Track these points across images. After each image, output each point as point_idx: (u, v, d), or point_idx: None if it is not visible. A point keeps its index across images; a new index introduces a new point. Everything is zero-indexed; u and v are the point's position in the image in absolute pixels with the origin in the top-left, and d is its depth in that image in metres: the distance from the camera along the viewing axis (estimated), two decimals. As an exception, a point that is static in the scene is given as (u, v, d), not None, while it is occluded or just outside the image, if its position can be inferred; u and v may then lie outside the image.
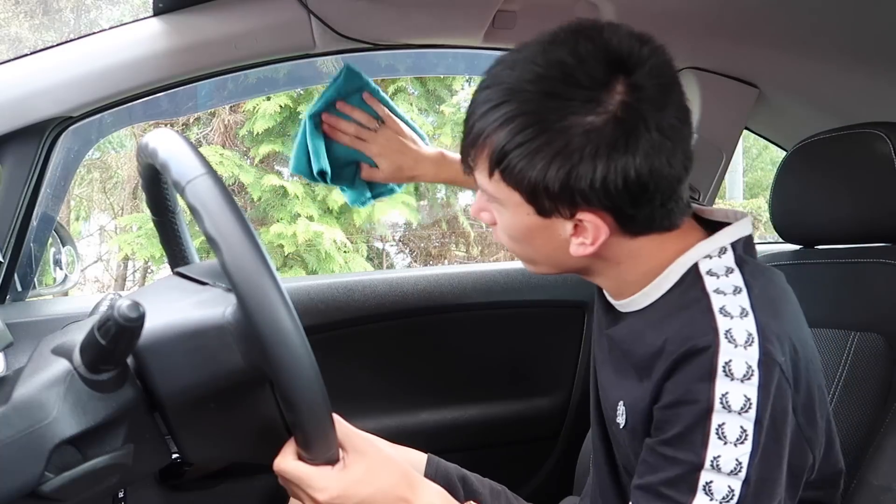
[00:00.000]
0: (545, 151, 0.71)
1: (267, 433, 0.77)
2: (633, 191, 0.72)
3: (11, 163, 1.11)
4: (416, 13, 1.22)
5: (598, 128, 0.70)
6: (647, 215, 0.76)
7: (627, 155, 0.71)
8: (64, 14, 4.82)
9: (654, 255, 0.80)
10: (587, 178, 0.71)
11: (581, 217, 0.75)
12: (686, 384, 0.72)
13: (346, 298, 1.42)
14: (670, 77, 0.74)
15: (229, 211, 0.66)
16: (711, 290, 0.76)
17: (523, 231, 0.80)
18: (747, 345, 0.71)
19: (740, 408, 0.70)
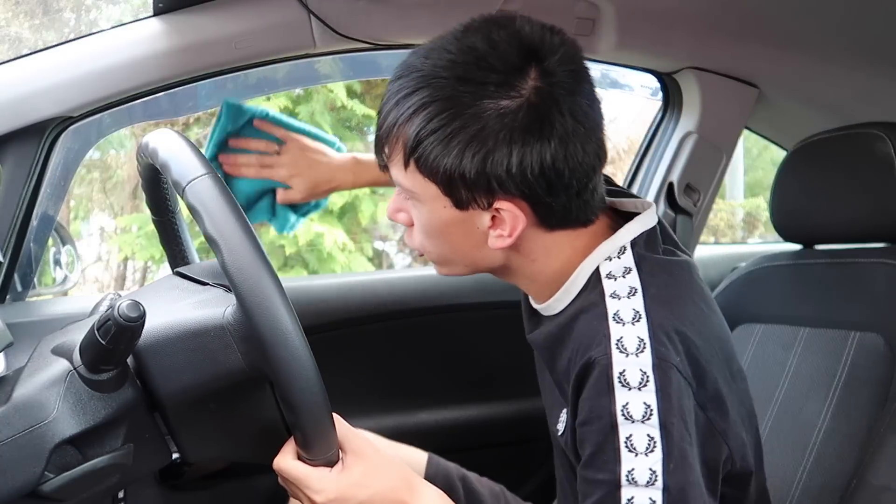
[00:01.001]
0: (460, 136, 0.71)
1: (267, 433, 0.77)
2: (549, 177, 0.73)
3: (11, 163, 1.11)
4: (416, 13, 1.22)
5: (512, 111, 0.71)
6: (564, 206, 0.76)
7: (543, 140, 0.72)
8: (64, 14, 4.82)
9: (567, 251, 0.80)
10: (503, 164, 0.72)
11: (499, 206, 0.75)
12: (590, 401, 0.73)
13: (346, 298, 1.42)
14: (580, 65, 0.76)
15: (229, 211, 0.66)
16: (608, 295, 0.76)
17: (441, 227, 0.79)
18: (639, 352, 0.71)
19: (642, 416, 0.70)
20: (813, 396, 1.07)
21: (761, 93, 1.48)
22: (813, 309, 1.13)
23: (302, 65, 1.33)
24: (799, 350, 1.12)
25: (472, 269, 0.84)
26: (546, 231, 0.79)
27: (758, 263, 1.25)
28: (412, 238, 0.84)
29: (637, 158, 1.64)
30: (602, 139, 0.77)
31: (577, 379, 0.75)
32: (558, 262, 0.81)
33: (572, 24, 1.29)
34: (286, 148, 1.15)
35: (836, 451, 1.01)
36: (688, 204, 1.53)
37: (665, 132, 1.56)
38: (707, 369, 0.74)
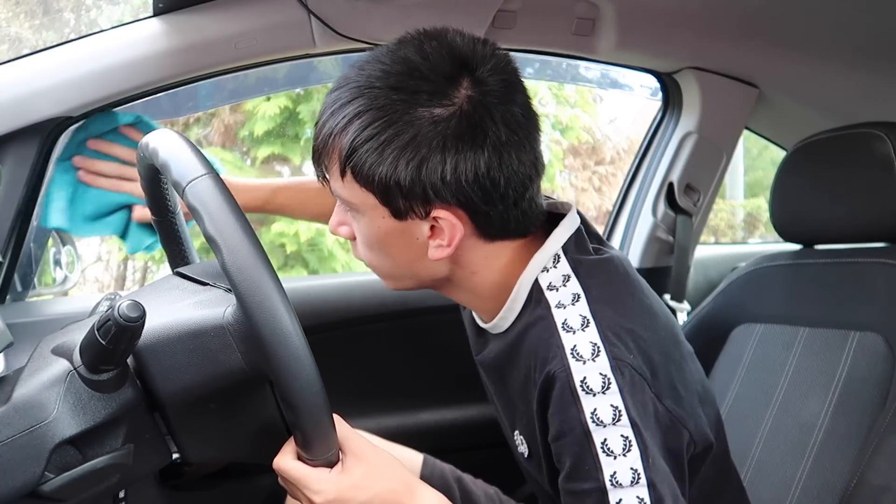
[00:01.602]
0: (394, 143, 0.72)
1: (267, 433, 0.77)
2: (484, 186, 0.73)
3: (11, 163, 1.11)
4: (416, 13, 1.22)
5: (445, 119, 0.72)
6: (501, 216, 0.77)
7: (476, 148, 0.72)
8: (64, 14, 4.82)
9: (504, 261, 0.81)
10: (438, 171, 0.72)
11: (436, 215, 0.75)
12: (559, 414, 0.73)
13: (346, 298, 1.42)
14: (513, 75, 0.76)
15: (229, 211, 0.66)
16: (553, 305, 0.77)
17: (380, 238, 0.79)
18: (595, 356, 0.73)
19: (612, 419, 0.71)
20: (813, 396, 1.07)
21: (761, 93, 1.48)
22: (813, 309, 1.13)
23: (302, 65, 1.33)
24: (799, 350, 1.12)
25: (416, 282, 0.84)
26: (485, 241, 0.79)
27: (758, 263, 1.25)
28: (357, 251, 0.84)
29: (637, 158, 1.64)
30: (538, 150, 0.77)
31: (541, 395, 0.75)
32: (498, 273, 0.81)
33: (572, 24, 1.29)
34: None
35: (836, 451, 1.01)
36: (688, 204, 1.53)
37: (665, 132, 1.56)
38: (657, 360, 0.76)
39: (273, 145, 4.89)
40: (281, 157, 5.00)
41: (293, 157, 4.89)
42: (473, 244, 0.79)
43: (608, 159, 6.04)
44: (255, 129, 4.78)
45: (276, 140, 4.92)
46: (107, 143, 1.08)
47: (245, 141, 5.03)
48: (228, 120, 5.16)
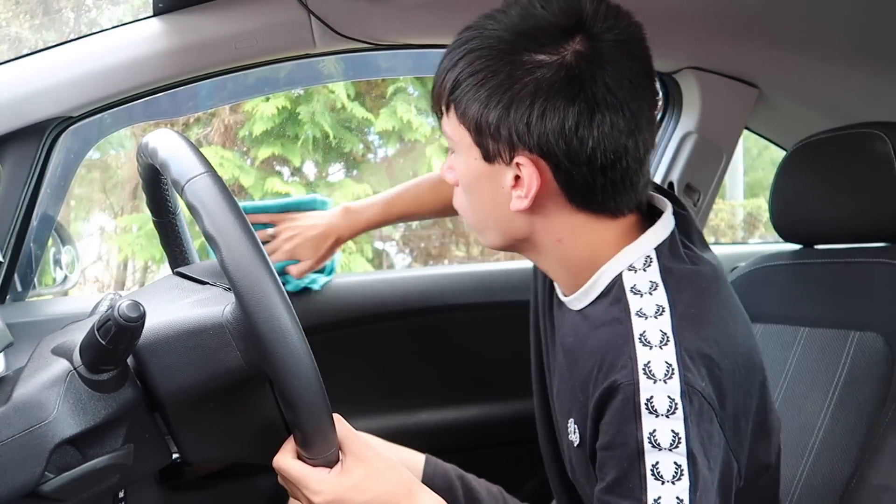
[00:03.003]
0: (491, 82, 0.72)
1: (267, 432, 0.77)
2: (569, 140, 0.72)
3: (11, 163, 1.11)
4: (416, 13, 1.22)
5: (544, 66, 0.71)
6: (587, 179, 0.74)
7: (568, 100, 0.71)
8: (64, 14, 4.81)
9: (594, 241, 0.79)
10: (525, 116, 0.72)
11: (519, 161, 0.74)
12: (615, 426, 0.71)
13: (346, 298, 1.42)
14: (632, 42, 0.74)
15: (228, 210, 0.66)
16: (634, 312, 0.74)
17: (471, 182, 0.80)
18: (667, 378, 0.70)
19: (670, 444, 0.69)
20: (813, 396, 1.07)
21: (761, 93, 1.48)
22: (813, 309, 1.13)
23: (302, 65, 1.33)
24: (798, 350, 1.12)
25: (502, 237, 0.82)
26: (573, 208, 0.77)
27: (757, 263, 1.25)
28: (456, 198, 0.85)
29: (637, 158, 1.63)
30: (642, 123, 0.74)
31: (600, 401, 0.73)
32: (586, 249, 0.79)
33: (572, 24, 1.29)
34: (277, 230, 1.21)
35: (836, 451, 1.01)
36: (688, 204, 1.53)
37: (665, 132, 1.56)
38: (728, 390, 0.73)
39: (273, 146, 4.89)
40: (281, 157, 5.00)
41: (293, 158, 4.89)
42: (559, 207, 0.77)
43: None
44: (254, 129, 4.79)
45: (275, 140, 4.92)
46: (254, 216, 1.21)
47: (245, 141, 5.03)
48: (228, 120, 5.15)
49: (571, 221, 0.78)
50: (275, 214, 1.23)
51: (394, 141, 5.07)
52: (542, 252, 0.82)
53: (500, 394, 1.54)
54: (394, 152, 5.26)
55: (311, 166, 5.40)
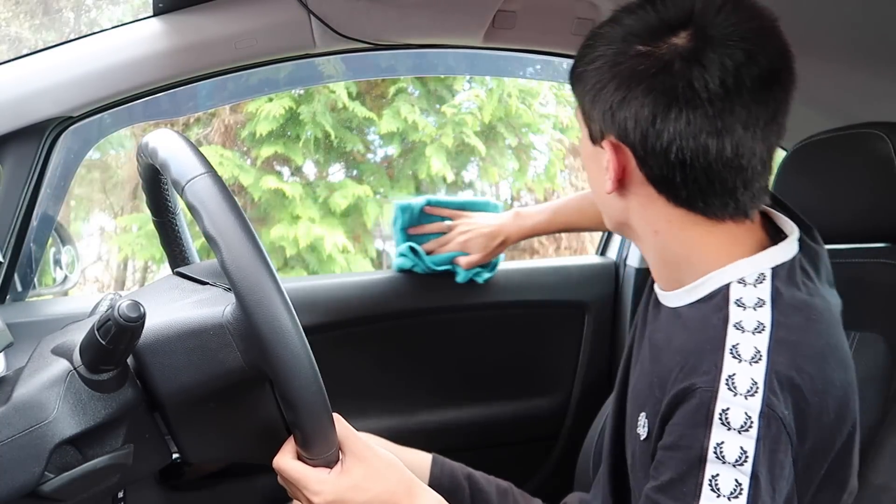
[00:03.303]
0: (594, 65, 0.75)
1: (267, 433, 0.77)
2: (645, 130, 0.72)
3: (11, 163, 1.11)
4: (416, 13, 1.22)
5: (636, 56, 0.72)
6: (663, 171, 0.74)
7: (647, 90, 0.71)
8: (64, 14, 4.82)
9: (692, 240, 0.78)
10: (609, 101, 0.73)
11: (604, 145, 0.76)
12: (682, 428, 0.70)
13: (346, 298, 1.42)
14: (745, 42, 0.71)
15: (229, 210, 0.66)
16: (732, 323, 0.72)
17: (585, 160, 0.83)
18: (749, 395, 0.68)
19: (735, 460, 0.67)
20: (813, 396, 1.07)
21: (761, 93, 1.48)
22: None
23: (303, 65, 1.33)
24: (799, 350, 1.12)
25: (608, 218, 0.85)
26: (666, 202, 0.76)
27: (758, 263, 1.24)
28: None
29: (637, 158, 1.63)
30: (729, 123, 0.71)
31: (674, 400, 0.71)
32: (682, 247, 0.78)
33: (572, 24, 1.29)
34: (454, 224, 1.39)
35: (836, 451, 1.01)
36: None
37: (665, 132, 1.56)
38: (811, 428, 0.70)
39: (275, 145, 4.90)
40: (282, 157, 5.01)
41: (295, 158, 4.90)
42: (652, 198, 0.77)
43: (608, 159, 6.03)
44: (259, 129, 4.79)
45: (277, 140, 4.93)
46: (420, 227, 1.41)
47: (246, 141, 5.03)
48: (229, 120, 5.16)
49: (668, 215, 0.77)
50: (453, 210, 1.41)
51: (396, 142, 5.08)
52: (641, 241, 0.83)
53: (501, 393, 1.54)
54: (394, 152, 5.26)
55: (311, 166, 5.41)
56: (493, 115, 5.01)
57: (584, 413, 1.54)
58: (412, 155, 5.14)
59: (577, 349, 1.58)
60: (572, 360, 1.58)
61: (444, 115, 5.09)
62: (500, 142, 5.17)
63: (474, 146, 4.96)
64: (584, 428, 1.25)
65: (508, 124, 5.13)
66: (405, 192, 5.10)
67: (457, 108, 5.07)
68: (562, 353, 1.58)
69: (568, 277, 1.57)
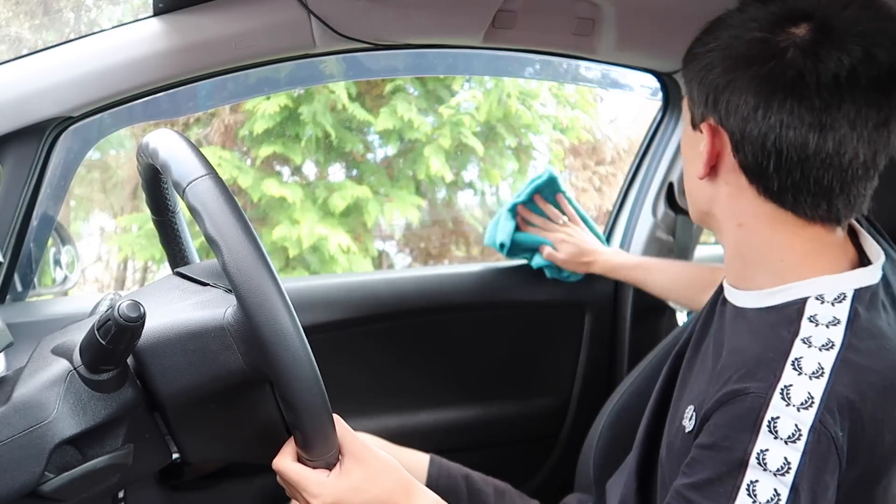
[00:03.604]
0: (709, 46, 0.75)
1: (267, 434, 0.77)
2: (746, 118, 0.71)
3: (11, 163, 1.11)
4: (416, 13, 1.22)
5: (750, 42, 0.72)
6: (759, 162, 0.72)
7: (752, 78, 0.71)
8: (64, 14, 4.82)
9: (776, 238, 0.76)
10: (714, 83, 0.73)
11: (703, 128, 0.76)
12: (726, 430, 0.68)
13: (346, 298, 1.42)
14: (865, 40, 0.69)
15: (230, 212, 0.66)
16: (801, 338, 0.70)
17: (685, 147, 0.82)
18: (803, 407, 0.66)
19: (777, 469, 0.65)
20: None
21: (761, 93, 1.48)
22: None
23: (303, 64, 1.33)
24: (799, 350, 1.12)
25: (693, 206, 0.85)
26: (754, 193, 0.75)
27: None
28: None
29: (637, 158, 1.64)
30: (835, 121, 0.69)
31: (720, 400, 0.70)
32: (764, 245, 0.76)
33: (572, 23, 1.29)
34: (567, 224, 1.46)
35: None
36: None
37: (665, 132, 1.56)
38: (862, 455, 0.69)
39: (274, 145, 4.90)
40: (282, 156, 5.01)
41: (294, 157, 4.90)
42: (741, 187, 0.75)
43: (608, 159, 6.03)
44: (255, 127, 4.79)
45: (276, 139, 4.93)
46: (543, 200, 1.47)
47: (245, 141, 5.03)
48: (228, 120, 5.16)
49: (755, 208, 0.76)
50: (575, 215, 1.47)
51: (394, 140, 5.08)
52: (723, 233, 0.81)
53: (501, 393, 1.54)
54: (394, 152, 5.26)
55: (310, 166, 5.41)
56: (492, 116, 5.01)
57: (584, 413, 1.54)
58: (411, 155, 5.14)
59: (577, 349, 1.58)
60: (572, 360, 1.58)
61: (441, 116, 5.10)
62: (500, 142, 5.18)
63: (473, 147, 4.96)
64: (584, 428, 1.25)
65: (508, 125, 5.13)
66: (405, 191, 5.11)
67: (454, 108, 5.08)
68: (562, 353, 1.58)
69: (568, 277, 1.57)
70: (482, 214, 5.72)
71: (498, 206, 5.81)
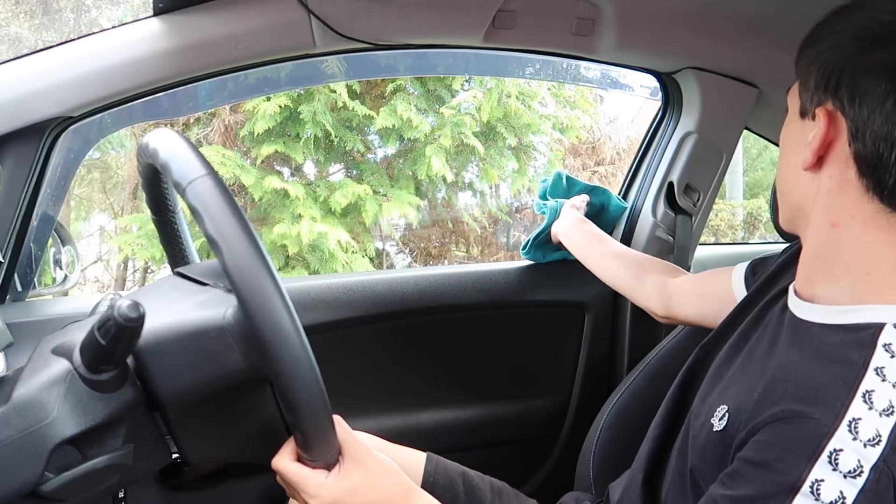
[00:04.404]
0: (838, 26, 0.71)
1: (267, 434, 0.77)
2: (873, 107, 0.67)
3: (11, 163, 1.11)
4: (416, 13, 1.22)
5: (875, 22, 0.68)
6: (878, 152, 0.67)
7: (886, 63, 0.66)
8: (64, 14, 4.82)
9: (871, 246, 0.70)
10: (840, 67, 0.69)
11: (819, 113, 0.71)
12: (781, 451, 0.65)
13: (346, 298, 1.42)
14: None
15: (230, 212, 0.66)
16: (873, 367, 0.66)
17: (786, 139, 0.78)
18: (869, 444, 0.63)
19: (830, 502, 0.62)
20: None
21: (761, 93, 1.48)
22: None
23: (303, 64, 1.33)
24: (799, 350, 1.12)
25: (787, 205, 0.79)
26: (861, 189, 0.69)
27: (758, 263, 1.24)
28: None
29: (637, 158, 1.64)
30: None
31: (777, 416, 0.66)
32: (854, 251, 0.71)
33: (572, 23, 1.29)
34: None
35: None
36: (688, 204, 1.53)
37: (665, 132, 1.56)
38: None
39: (274, 144, 4.90)
40: (282, 155, 5.01)
41: (295, 156, 4.90)
42: (847, 181, 0.70)
43: (608, 159, 6.04)
44: (256, 127, 4.79)
45: (277, 139, 4.93)
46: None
47: (245, 140, 5.04)
48: (228, 120, 5.16)
49: (856, 207, 0.70)
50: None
51: (394, 139, 5.08)
52: (812, 233, 0.75)
53: (501, 393, 1.54)
54: (393, 152, 5.26)
55: (311, 166, 5.41)
56: (492, 116, 5.01)
57: (584, 413, 1.54)
58: (412, 155, 5.14)
59: (577, 349, 1.58)
60: (572, 360, 1.58)
61: (442, 116, 5.10)
62: (500, 142, 5.18)
63: (473, 146, 4.96)
64: (584, 428, 1.25)
65: (508, 125, 5.14)
66: (405, 191, 5.11)
67: (455, 108, 5.08)
68: (562, 353, 1.58)
69: (568, 277, 1.57)
70: (481, 214, 5.72)
71: (498, 206, 5.82)
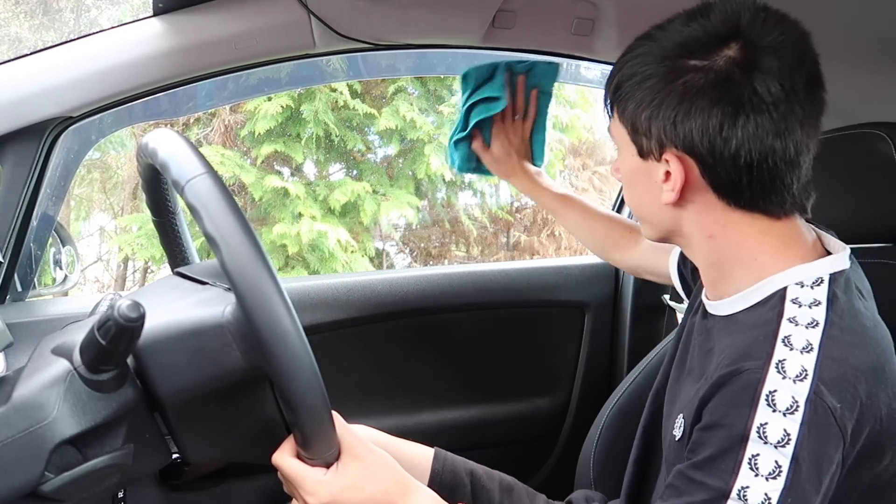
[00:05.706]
0: (646, 85, 0.77)
1: (267, 433, 0.77)
2: (713, 141, 0.74)
3: (11, 163, 1.11)
4: (416, 13, 1.22)
5: (694, 70, 0.74)
6: (731, 178, 0.75)
7: (713, 102, 0.73)
8: (64, 14, 4.82)
9: (748, 239, 0.79)
10: (672, 116, 0.75)
11: (667, 157, 0.77)
12: (725, 408, 0.70)
13: (346, 298, 1.42)
14: (793, 53, 0.76)
15: (229, 210, 0.66)
16: (786, 317, 0.73)
17: (629, 177, 0.84)
18: (798, 380, 0.68)
19: (777, 441, 0.67)
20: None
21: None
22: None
23: (303, 64, 1.33)
24: (799, 350, 1.12)
25: (656, 228, 0.86)
26: (724, 205, 0.78)
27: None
28: (626, 198, 0.88)
29: (637, 158, 1.63)
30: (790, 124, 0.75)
31: (717, 382, 0.71)
32: (737, 248, 0.79)
33: (572, 23, 1.29)
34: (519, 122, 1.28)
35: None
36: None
37: (665, 132, 1.56)
38: (863, 430, 0.70)
39: (275, 143, 4.90)
40: (282, 155, 5.01)
41: (295, 156, 4.90)
42: (709, 204, 0.78)
43: (608, 159, 6.04)
44: (257, 127, 4.79)
45: (277, 139, 4.93)
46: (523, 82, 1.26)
47: (246, 140, 5.04)
48: (228, 120, 5.16)
49: (724, 219, 0.79)
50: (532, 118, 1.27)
51: (395, 140, 5.08)
52: (693, 247, 0.84)
53: (501, 393, 1.54)
54: (394, 152, 5.26)
55: (311, 165, 5.41)
56: (492, 115, 5.00)
57: (584, 413, 1.54)
58: (411, 154, 5.14)
59: (577, 349, 1.58)
60: (572, 360, 1.58)
61: (441, 115, 5.10)
62: (500, 141, 5.17)
63: (474, 146, 4.95)
64: (584, 428, 1.25)
65: (508, 124, 5.12)
66: (405, 191, 5.11)
67: (455, 108, 5.08)
68: (562, 353, 1.58)
69: (568, 277, 1.57)
70: (481, 214, 5.72)
71: (497, 206, 5.82)
